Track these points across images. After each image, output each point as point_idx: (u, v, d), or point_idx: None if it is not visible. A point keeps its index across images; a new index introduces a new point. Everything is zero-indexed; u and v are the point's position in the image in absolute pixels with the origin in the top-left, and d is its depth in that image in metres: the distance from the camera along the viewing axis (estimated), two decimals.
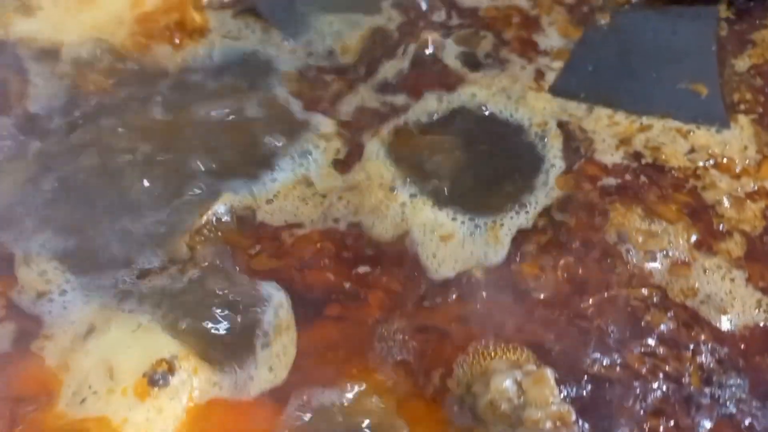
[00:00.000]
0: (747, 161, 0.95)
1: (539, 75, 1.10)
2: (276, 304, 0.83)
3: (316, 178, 0.97)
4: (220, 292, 0.85)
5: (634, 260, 0.85)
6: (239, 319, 0.82)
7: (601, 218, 0.89)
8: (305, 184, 0.96)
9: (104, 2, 1.26)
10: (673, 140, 0.98)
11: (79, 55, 1.17)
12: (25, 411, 0.76)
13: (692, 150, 0.97)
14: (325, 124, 1.04)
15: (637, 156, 0.96)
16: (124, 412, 0.75)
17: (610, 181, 0.93)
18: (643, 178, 0.93)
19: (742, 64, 1.11)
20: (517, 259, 0.86)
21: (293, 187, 0.95)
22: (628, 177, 0.93)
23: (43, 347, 0.82)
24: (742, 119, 1.03)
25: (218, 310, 0.83)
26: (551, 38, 1.16)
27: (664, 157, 0.96)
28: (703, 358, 0.78)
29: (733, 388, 0.76)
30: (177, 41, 1.19)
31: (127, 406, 0.75)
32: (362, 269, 0.86)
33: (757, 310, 0.82)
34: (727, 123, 1.02)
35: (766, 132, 1.01)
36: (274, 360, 0.80)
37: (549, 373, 0.74)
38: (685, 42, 1.14)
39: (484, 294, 0.84)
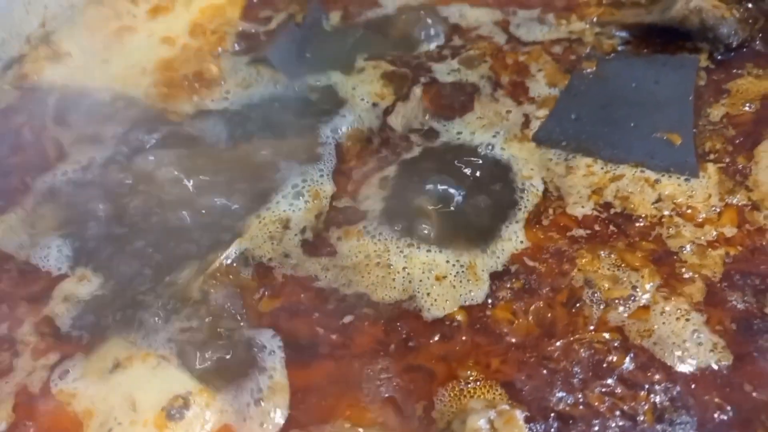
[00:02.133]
0: (710, 210, 1.03)
1: (525, 123, 1.19)
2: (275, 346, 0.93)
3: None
4: (228, 333, 0.95)
5: (599, 305, 0.94)
6: (243, 358, 0.92)
7: (569, 265, 0.98)
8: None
9: (129, 52, 1.37)
10: (641, 190, 1.06)
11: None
12: None
13: (659, 199, 1.05)
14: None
15: (607, 206, 1.05)
16: None
17: (580, 231, 1.01)
18: (612, 228, 1.02)
19: (716, 113, 1.18)
20: (492, 304, 0.95)
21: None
22: (597, 227, 1.02)
23: (73, 383, 0.92)
24: (710, 168, 1.10)
25: (226, 350, 0.93)
26: (539, 86, 1.25)
27: (632, 206, 1.04)
28: (657, 397, 0.87)
29: (683, 426, 0.85)
30: (195, 90, 1.30)
31: None
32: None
33: (711, 353, 0.91)
34: (696, 172, 1.09)
35: (731, 180, 1.08)
36: (272, 396, 0.90)
37: (518, 414, 0.84)
38: (666, 91, 1.21)
39: (463, 337, 0.93)
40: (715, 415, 0.86)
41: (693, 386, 0.88)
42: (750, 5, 1.31)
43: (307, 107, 1.24)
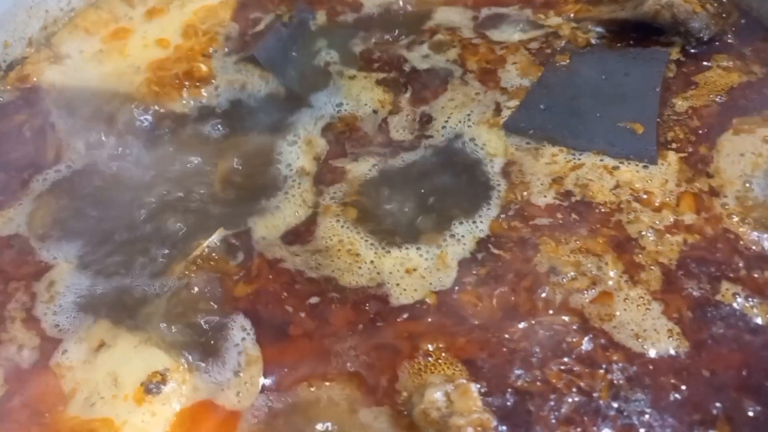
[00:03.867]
0: (667, 195, 1.07)
1: (497, 111, 1.23)
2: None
3: None
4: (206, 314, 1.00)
5: (562, 290, 0.98)
6: (218, 337, 0.97)
7: (533, 252, 1.02)
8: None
9: (124, 53, 1.43)
10: (600, 177, 1.10)
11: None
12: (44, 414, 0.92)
13: (617, 185, 1.09)
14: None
15: (567, 194, 1.09)
16: (124, 415, 0.91)
17: (543, 220, 1.05)
18: (574, 216, 1.06)
19: (682, 104, 1.21)
20: (458, 289, 0.99)
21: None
22: (559, 215, 1.06)
23: (61, 360, 0.98)
24: (672, 156, 1.13)
25: (204, 329, 0.98)
26: (512, 77, 1.29)
27: (591, 193, 1.08)
28: (614, 376, 0.91)
29: (637, 402, 0.89)
30: (186, 87, 1.36)
31: (127, 410, 0.92)
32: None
33: (669, 338, 0.94)
34: (655, 159, 1.13)
35: (691, 169, 1.11)
36: (245, 369, 0.95)
37: (473, 387, 0.88)
38: (635, 83, 1.25)
39: (429, 319, 0.98)
40: (670, 395, 0.89)
41: (650, 367, 0.91)
42: (724, 0, 1.35)
43: (291, 104, 1.29)
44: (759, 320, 0.94)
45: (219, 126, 1.29)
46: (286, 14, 1.44)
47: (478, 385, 0.89)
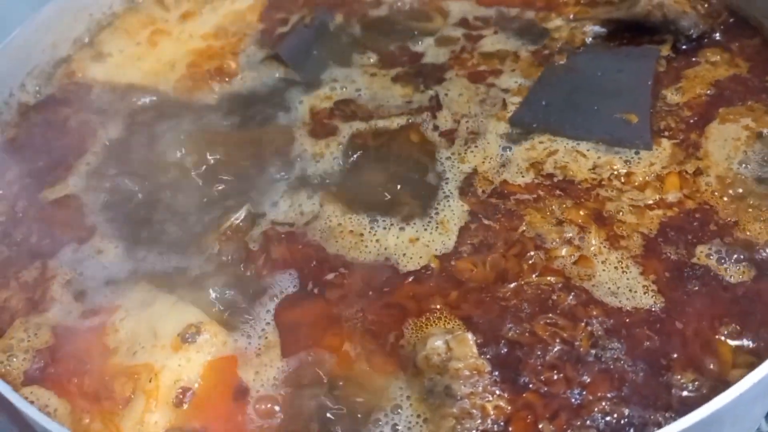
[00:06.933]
0: (652, 174, 1.19)
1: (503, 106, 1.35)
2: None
3: None
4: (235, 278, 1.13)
5: (547, 255, 1.10)
6: (246, 298, 1.11)
7: (518, 222, 1.14)
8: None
9: (161, 52, 1.57)
10: (580, 159, 1.23)
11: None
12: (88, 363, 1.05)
13: (595, 166, 1.21)
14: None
15: (549, 176, 1.21)
16: (163, 361, 1.04)
17: (525, 196, 1.18)
18: (557, 191, 1.17)
19: (673, 96, 1.32)
20: (456, 257, 1.11)
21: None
22: (541, 192, 1.18)
23: (104, 318, 1.11)
24: (665, 142, 1.25)
25: (231, 290, 1.11)
26: (515, 75, 1.41)
27: (571, 173, 1.20)
28: (593, 328, 1.01)
29: (613, 350, 0.99)
30: (216, 82, 1.49)
31: (165, 356, 1.04)
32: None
33: (645, 295, 1.05)
34: (650, 146, 1.24)
35: (683, 152, 1.23)
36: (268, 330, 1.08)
37: (469, 336, 0.99)
38: (628, 78, 1.36)
39: (431, 282, 1.09)
40: (644, 344, 1.00)
41: (627, 320, 1.02)
42: (714, 1, 1.46)
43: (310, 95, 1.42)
44: (731, 279, 1.04)
45: (244, 115, 1.41)
46: (308, 16, 1.57)
47: (475, 337, 1.00)
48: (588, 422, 0.93)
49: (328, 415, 0.96)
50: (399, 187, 1.22)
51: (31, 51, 1.53)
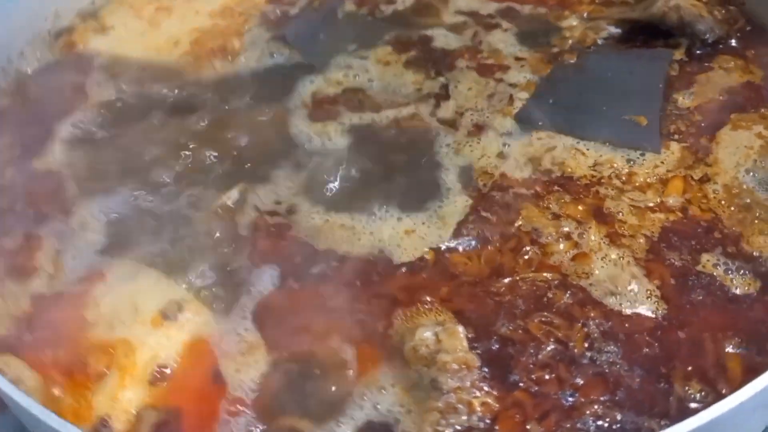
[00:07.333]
0: (656, 177, 1.15)
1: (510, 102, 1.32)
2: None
3: None
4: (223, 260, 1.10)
5: (543, 250, 1.06)
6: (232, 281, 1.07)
7: (515, 216, 1.10)
8: None
9: (165, 28, 1.54)
10: (574, 156, 1.19)
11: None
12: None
13: (595, 164, 1.18)
14: None
15: (547, 172, 1.17)
16: (142, 337, 1.00)
17: (522, 190, 1.14)
18: (556, 187, 1.14)
19: (684, 100, 1.28)
20: (451, 249, 1.08)
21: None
22: (538, 188, 1.15)
23: (85, 290, 1.07)
24: (674, 146, 1.21)
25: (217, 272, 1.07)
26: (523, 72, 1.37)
27: (570, 169, 1.16)
28: (590, 329, 0.98)
29: (609, 354, 0.95)
30: (219, 60, 1.46)
31: (145, 333, 1.00)
32: None
33: (648, 299, 1.01)
34: (658, 148, 1.21)
35: (693, 156, 1.19)
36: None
37: (460, 329, 0.96)
38: (639, 80, 1.32)
39: (425, 274, 1.06)
40: (643, 350, 0.96)
41: (626, 325, 0.98)
42: (732, 7, 1.43)
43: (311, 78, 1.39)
44: (737, 291, 1.00)
45: (244, 95, 1.38)
46: (316, 0, 1.54)
47: (466, 331, 0.96)
48: (579, 425, 0.89)
49: (308, 392, 0.94)
50: (398, 177, 1.19)
51: (33, 19, 1.50)
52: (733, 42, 1.39)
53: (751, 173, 1.15)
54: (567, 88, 1.33)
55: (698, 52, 1.37)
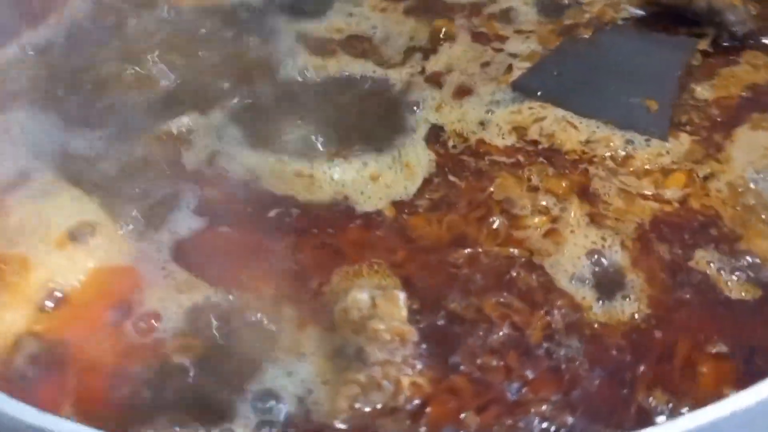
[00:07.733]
0: (656, 166, 1.02)
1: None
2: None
3: None
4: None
5: (513, 222, 0.93)
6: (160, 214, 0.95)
7: (487, 183, 0.98)
8: None
9: None
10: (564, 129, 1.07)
11: None
12: None
13: (588, 141, 1.05)
14: None
15: (533, 142, 1.05)
16: (42, 256, 0.88)
17: (502, 158, 1.02)
18: (541, 159, 1.01)
19: (702, 92, 1.15)
20: (407, 212, 0.96)
21: None
22: (521, 157, 1.02)
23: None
24: (684, 137, 1.08)
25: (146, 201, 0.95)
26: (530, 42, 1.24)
27: (559, 142, 1.04)
28: (553, 318, 0.84)
29: (569, 349, 0.82)
30: None
31: (46, 251, 0.88)
32: None
33: (627, 292, 0.88)
34: (665, 136, 1.08)
35: (703, 150, 1.06)
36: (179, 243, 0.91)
37: (401, 296, 0.82)
38: (654, 64, 1.21)
39: (379, 232, 0.93)
40: (610, 350, 0.82)
41: (596, 319, 0.85)
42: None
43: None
44: (730, 294, 0.87)
45: (223, 30, 1.27)
46: None
47: (410, 301, 0.83)
48: (521, 423, 0.76)
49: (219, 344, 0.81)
50: (369, 122, 1.07)
51: None
52: (765, 40, 1.25)
53: (761, 174, 1.02)
54: (576, 62, 1.22)
55: (725, 44, 1.25)
